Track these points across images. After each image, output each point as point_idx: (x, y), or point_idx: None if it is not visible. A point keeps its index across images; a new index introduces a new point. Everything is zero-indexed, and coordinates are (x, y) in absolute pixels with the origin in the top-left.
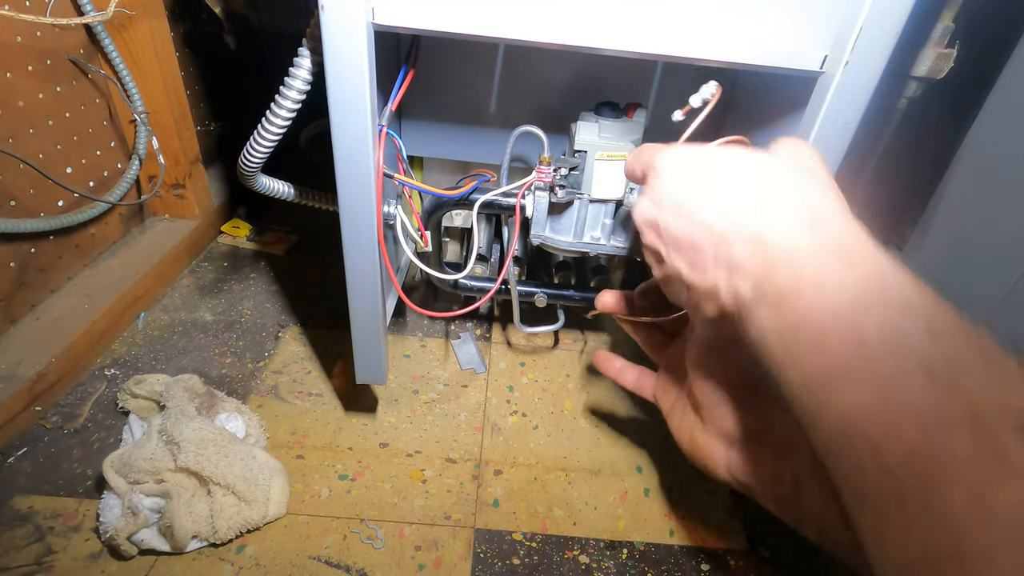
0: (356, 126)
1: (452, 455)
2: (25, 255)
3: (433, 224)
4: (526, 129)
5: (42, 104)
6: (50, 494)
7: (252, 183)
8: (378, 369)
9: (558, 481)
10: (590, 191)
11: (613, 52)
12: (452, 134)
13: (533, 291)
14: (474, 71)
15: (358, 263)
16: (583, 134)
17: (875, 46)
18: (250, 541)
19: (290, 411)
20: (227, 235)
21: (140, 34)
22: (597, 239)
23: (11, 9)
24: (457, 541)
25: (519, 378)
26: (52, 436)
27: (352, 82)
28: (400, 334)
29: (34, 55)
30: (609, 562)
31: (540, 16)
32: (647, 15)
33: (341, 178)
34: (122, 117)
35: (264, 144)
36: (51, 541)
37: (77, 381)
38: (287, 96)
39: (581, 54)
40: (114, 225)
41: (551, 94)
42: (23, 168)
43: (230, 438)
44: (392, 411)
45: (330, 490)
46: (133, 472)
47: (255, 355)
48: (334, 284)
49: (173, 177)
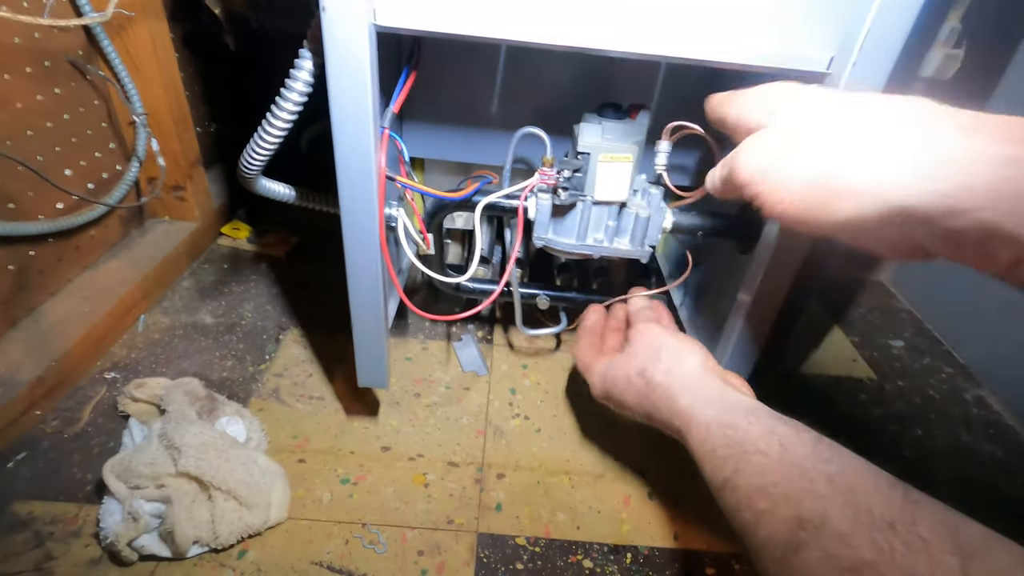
0: (358, 128)
1: (454, 459)
2: (24, 258)
3: (435, 226)
4: (528, 130)
5: (40, 106)
6: (50, 499)
7: (253, 186)
8: (380, 372)
9: (561, 485)
10: (593, 193)
11: (616, 53)
12: (454, 136)
13: (535, 293)
14: (476, 72)
15: (360, 266)
16: (586, 136)
17: (882, 47)
18: (251, 546)
19: (291, 415)
20: (227, 237)
21: (139, 35)
22: (600, 241)
23: (9, 10)
24: (460, 546)
25: (521, 381)
26: (52, 440)
27: (354, 84)
28: (401, 337)
29: (32, 57)
30: (613, 567)
31: (542, 17)
32: (650, 16)
33: (342, 180)
34: (121, 119)
35: (265, 146)
36: (51, 547)
37: (77, 385)
38: (288, 98)
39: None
40: (114, 227)
41: (553, 95)
42: (22, 170)
43: (231, 442)
44: (394, 414)
45: (332, 494)
46: (134, 477)
47: (256, 358)
48: (335, 286)
49: (173, 179)
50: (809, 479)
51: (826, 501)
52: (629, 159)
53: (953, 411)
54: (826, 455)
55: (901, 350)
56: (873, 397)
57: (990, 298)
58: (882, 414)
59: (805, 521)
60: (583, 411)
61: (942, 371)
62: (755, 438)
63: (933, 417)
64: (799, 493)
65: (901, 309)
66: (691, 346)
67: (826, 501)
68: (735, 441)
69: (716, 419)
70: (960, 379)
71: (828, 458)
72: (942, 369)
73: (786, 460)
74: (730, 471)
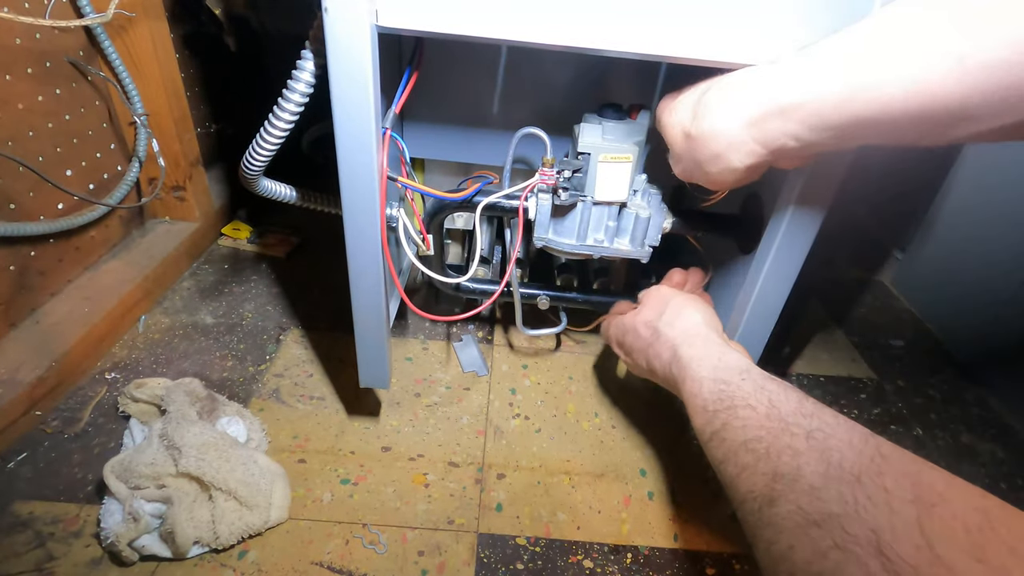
0: (359, 129)
1: (455, 459)
2: (25, 258)
3: (435, 226)
4: (529, 131)
5: (41, 106)
6: (50, 499)
7: (255, 186)
8: (381, 372)
9: (561, 485)
10: (593, 193)
11: (616, 53)
12: (454, 136)
13: (535, 293)
14: (476, 73)
15: (361, 266)
16: (586, 136)
17: None
18: (252, 546)
19: (292, 415)
20: (228, 237)
21: (140, 36)
22: (600, 241)
23: (10, 11)
24: (460, 546)
25: (521, 381)
26: (52, 441)
27: (355, 85)
28: (402, 337)
29: (33, 57)
30: (613, 567)
31: (543, 17)
32: (650, 16)
33: (344, 181)
34: (122, 119)
35: (267, 147)
36: (51, 547)
37: (77, 385)
38: (290, 99)
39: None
40: (114, 228)
41: (554, 96)
42: (22, 171)
43: (231, 442)
44: (394, 414)
45: (332, 495)
46: (134, 477)
47: (256, 358)
48: (335, 287)
49: (173, 179)
50: (791, 434)
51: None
52: (629, 159)
53: (953, 411)
54: (808, 411)
55: (901, 350)
56: (873, 397)
57: (990, 298)
58: (882, 414)
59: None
60: (583, 411)
61: (942, 371)
62: (745, 393)
63: (933, 417)
64: (779, 448)
65: (901, 309)
66: (696, 303)
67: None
68: (727, 395)
69: (710, 375)
70: (960, 379)
71: (810, 413)
72: (942, 369)
73: (772, 415)
74: (719, 424)
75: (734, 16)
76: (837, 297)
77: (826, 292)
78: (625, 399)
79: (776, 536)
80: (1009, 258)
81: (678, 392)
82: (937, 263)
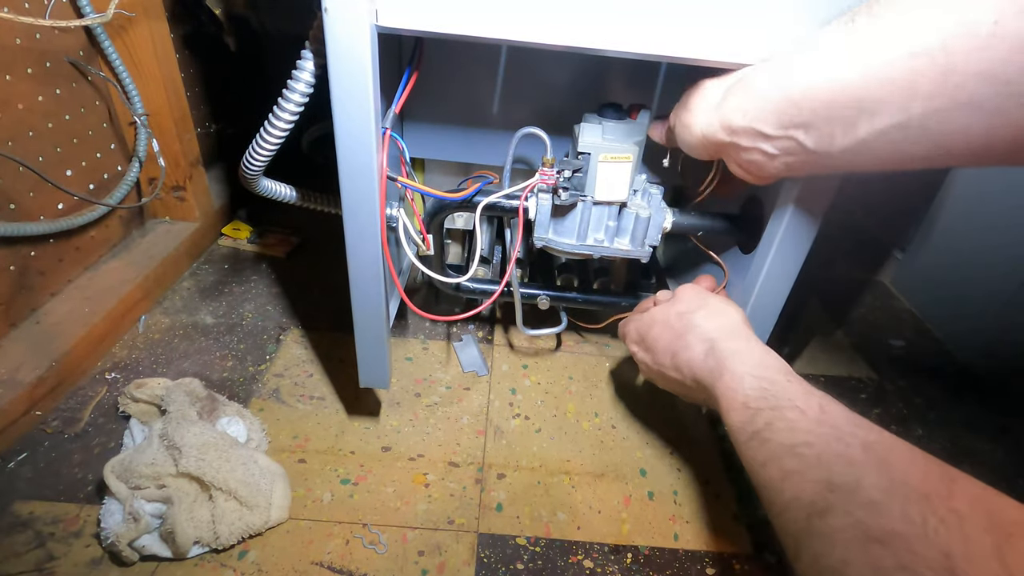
0: (359, 129)
1: (455, 459)
2: (25, 258)
3: (435, 226)
4: (529, 131)
5: (41, 106)
6: (51, 499)
7: (255, 186)
8: (382, 372)
9: (561, 485)
10: (593, 193)
11: (616, 53)
12: (454, 136)
13: (536, 293)
14: (476, 72)
15: (361, 266)
16: (586, 136)
17: None
18: (252, 546)
19: (292, 415)
20: (228, 237)
21: (140, 36)
22: (601, 241)
23: (10, 11)
24: (460, 546)
25: (522, 381)
26: (52, 441)
27: (355, 85)
28: (402, 337)
29: (33, 57)
30: (614, 567)
31: (543, 17)
32: (650, 16)
33: (344, 181)
34: (122, 119)
35: (267, 147)
36: (52, 547)
37: (77, 385)
38: (290, 99)
39: (584, 55)
40: (114, 228)
41: (554, 95)
42: (22, 171)
43: (231, 442)
44: (394, 414)
45: (332, 495)
46: (134, 477)
47: (256, 358)
48: (335, 287)
49: (173, 179)
50: (845, 443)
51: (859, 467)
52: (629, 159)
53: (953, 411)
54: (859, 421)
55: (901, 350)
56: (873, 397)
57: (990, 298)
58: (882, 414)
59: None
60: (583, 411)
61: (942, 371)
62: (793, 394)
63: (933, 417)
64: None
65: (901, 309)
66: (735, 306)
67: (859, 467)
68: (771, 394)
69: (752, 371)
70: (960, 379)
71: (865, 426)
72: (942, 369)
73: (824, 421)
74: (761, 424)
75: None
76: (837, 297)
77: (826, 292)
78: (625, 399)
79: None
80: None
81: (710, 388)
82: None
